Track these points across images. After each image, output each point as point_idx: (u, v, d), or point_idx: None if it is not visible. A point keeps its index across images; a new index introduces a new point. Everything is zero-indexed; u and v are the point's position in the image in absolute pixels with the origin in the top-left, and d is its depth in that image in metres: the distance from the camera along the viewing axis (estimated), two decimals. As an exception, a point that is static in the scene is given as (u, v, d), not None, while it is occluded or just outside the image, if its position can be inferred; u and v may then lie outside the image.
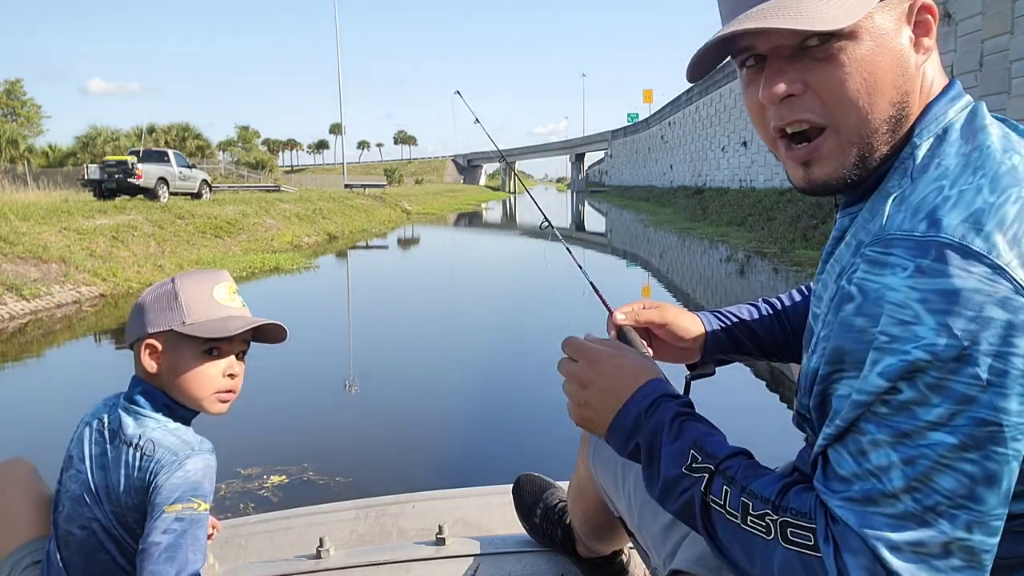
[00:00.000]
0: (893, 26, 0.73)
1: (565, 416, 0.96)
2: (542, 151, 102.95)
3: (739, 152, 28.04)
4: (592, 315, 1.00)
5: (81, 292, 10.40)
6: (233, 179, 45.00)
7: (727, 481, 0.74)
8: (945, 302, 0.61)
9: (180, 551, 1.12)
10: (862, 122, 0.74)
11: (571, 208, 46.18)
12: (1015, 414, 0.60)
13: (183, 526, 1.13)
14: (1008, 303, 0.60)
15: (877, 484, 0.63)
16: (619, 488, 1.22)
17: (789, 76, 0.74)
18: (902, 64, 0.73)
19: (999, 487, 0.61)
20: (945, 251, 0.62)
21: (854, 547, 0.64)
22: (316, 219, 21.99)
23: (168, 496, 1.13)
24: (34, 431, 5.03)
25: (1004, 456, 0.60)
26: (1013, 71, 10.52)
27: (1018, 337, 0.60)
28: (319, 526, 1.87)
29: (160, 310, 1.21)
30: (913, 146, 0.74)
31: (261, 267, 13.48)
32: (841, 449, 0.66)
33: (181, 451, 1.17)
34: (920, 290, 0.62)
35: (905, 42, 0.74)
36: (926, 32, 0.75)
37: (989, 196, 0.65)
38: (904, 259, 0.64)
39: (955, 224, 0.63)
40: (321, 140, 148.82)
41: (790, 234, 15.73)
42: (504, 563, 1.65)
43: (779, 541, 0.69)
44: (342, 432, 4.82)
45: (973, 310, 0.60)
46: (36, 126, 52.61)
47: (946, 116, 0.75)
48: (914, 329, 0.61)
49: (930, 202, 0.66)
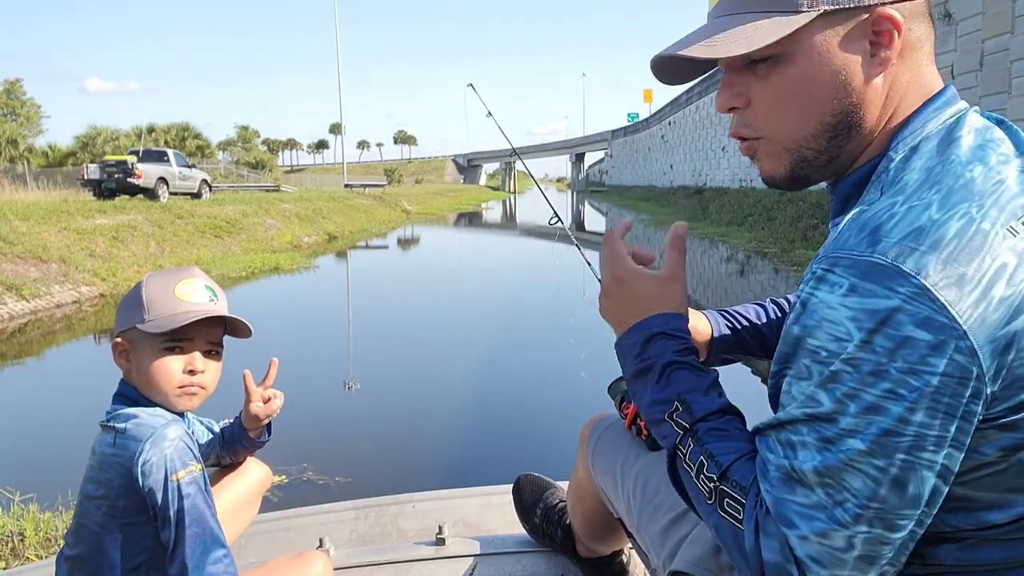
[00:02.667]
0: (836, 44, 0.75)
1: (565, 416, 0.97)
2: (542, 151, 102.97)
3: (739, 152, 27.86)
4: (592, 314, 1.00)
5: (81, 292, 10.40)
6: (233, 179, 44.99)
7: (693, 438, 0.81)
8: (871, 320, 0.64)
9: (199, 511, 1.18)
10: (792, 134, 0.79)
11: (571, 208, 46.18)
12: (923, 426, 0.64)
13: (192, 489, 1.17)
14: (929, 323, 0.63)
15: (795, 477, 0.69)
16: (618, 489, 1.23)
17: (735, 90, 0.82)
18: (843, 79, 0.75)
19: (905, 490, 0.65)
20: (876, 271, 0.65)
21: (770, 530, 0.70)
22: (316, 219, 22.00)
23: (171, 467, 1.16)
24: (34, 431, 5.03)
25: (910, 463, 0.64)
26: (1013, 71, 10.52)
27: (935, 356, 0.63)
28: (319, 526, 1.87)
29: (127, 309, 1.26)
30: (888, 159, 0.76)
31: (261, 267, 13.47)
32: (775, 440, 0.72)
33: (157, 424, 1.20)
34: (851, 308, 0.66)
35: (852, 57, 0.75)
36: (885, 45, 0.75)
37: (935, 213, 0.67)
38: (841, 277, 0.67)
39: (891, 244, 0.66)
40: (321, 140, 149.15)
41: (790, 234, 15.74)
42: (504, 563, 1.66)
43: (716, 507, 0.76)
44: (342, 432, 4.82)
45: (895, 329, 0.63)
46: (36, 126, 52.62)
47: (924, 129, 0.76)
48: (843, 344, 0.66)
49: (877, 220, 0.69)
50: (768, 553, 0.70)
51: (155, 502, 1.15)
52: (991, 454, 0.68)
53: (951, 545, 0.72)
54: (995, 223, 0.66)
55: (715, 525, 0.78)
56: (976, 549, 0.71)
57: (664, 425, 0.84)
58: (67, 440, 1.20)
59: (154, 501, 1.15)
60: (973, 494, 0.69)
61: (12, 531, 2.99)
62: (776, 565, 0.70)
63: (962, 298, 0.63)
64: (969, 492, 0.69)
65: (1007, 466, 0.68)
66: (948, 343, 0.62)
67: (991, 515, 0.70)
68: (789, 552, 0.69)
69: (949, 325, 0.62)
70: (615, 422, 1.32)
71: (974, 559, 0.71)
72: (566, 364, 6.19)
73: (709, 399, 0.83)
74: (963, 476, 0.68)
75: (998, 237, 0.65)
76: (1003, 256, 0.64)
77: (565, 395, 5.38)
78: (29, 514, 3.09)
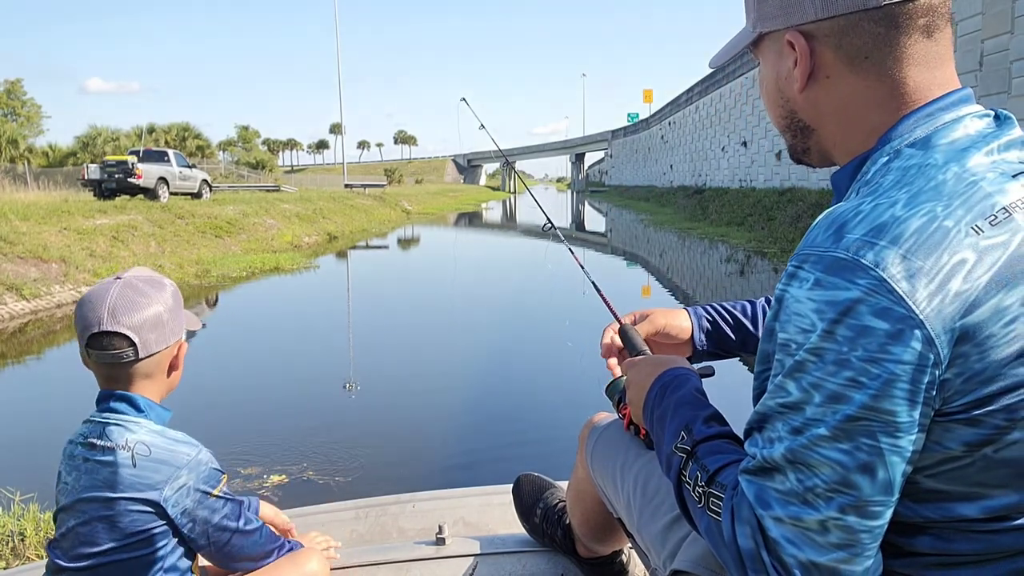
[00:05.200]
0: (773, 56, 0.86)
1: (565, 416, 0.99)
2: (542, 151, 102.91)
3: (739, 152, 28.04)
4: (592, 313, 1.01)
5: (81, 292, 10.39)
6: (233, 179, 44.93)
7: (693, 459, 0.84)
8: (834, 312, 0.67)
9: (243, 518, 1.31)
10: (774, 121, 0.91)
11: (571, 208, 46.18)
12: (886, 413, 0.66)
13: (231, 502, 1.29)
14: (887, 313, 0.65)
15: (770, 465, 0.72)
16: (618, 490, 1.23)
17: None
18: (780, 87, 0.87)
19: (875, 476, 0.67)
20: (838, 265, 0.68)
21: (744, 517, 0.73)
22: (316, 219, 21.99)
23: (209, 484, 1.26)
24: (34, 431, 5.03)
25: (877, 448, 0.67)
26: (1013, 71, 10.52)
27: (894, 345, 0.65)
28: (319, 526, 1.87)
29: (178, 317, 1.36)
30: (872, 161, 0.78)
31: (261, 267, 13.47)
32: (755, 434, 0.75)
33: (189, 448, 1.27)
34: (816, 301, 0.69)
35: (783, 71, 0.85)
36: (796, 64, 0.82)
37: (899, 211, 0.69)
38: (809, 272, 0.70)
39: (853, 239, 0.69)
40: (321, 140, 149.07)
41: (790, 234, 15.73)
42: (504, 563, 1.66)
43: (705, 509, 0.80)
44: (342, 432, 4.81)
45: (855, 319, 0.66)
46: (36, 126, 52.56)
47: (912, 134, 0.76)
48: (808, 335, 0.69)
49: (843, 217, 0.72)
50: (742, 540, 0.73)
51: (212, 514, 1.26)
52: (955, 448, 0.69)
53: (928, 536, 0.73)
54: (959, 221, 0.67)
55: (705, 528, 0.80)
56: (953, 540, 0.72)
57: (673, 458, 0.88)
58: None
59: (211, 514, 1.26)
60: (942, 487, 0.71)
61: (12, 531, 2.99)
62: (750, 551, 0.72)
63: (918, 290, 0.65)
64: (938, 485, 0.71)
65: (971, 460, 0.69)
66: (906, 332, 0.65)
67: (962, 508, 0.71)
68: (761, 537, 0.71)
69: (907, 315, 0.65)
70: (614, 422, 1.33)
71: (952, 549, 0.73)
72: (566, 364, 6.19)
73: (709, 426, 0.87)
74: (930, 469, 0.70)
75: (960, 235, 0.66)
76: (963, 253, 0.66)
77: (565, 395, 5.38)
78: (29, 514, 3.09)
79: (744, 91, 27.52)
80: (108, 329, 1.22)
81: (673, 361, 1.03)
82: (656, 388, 0.97)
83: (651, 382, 0.99)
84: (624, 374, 1.13)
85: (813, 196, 17.72)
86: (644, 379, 1.01)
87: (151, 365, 1.27)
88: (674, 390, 0.95)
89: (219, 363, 6.61)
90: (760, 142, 25.57)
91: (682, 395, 0.94)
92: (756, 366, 0.80)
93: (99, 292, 1.25)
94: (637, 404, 1.02)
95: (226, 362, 6.78)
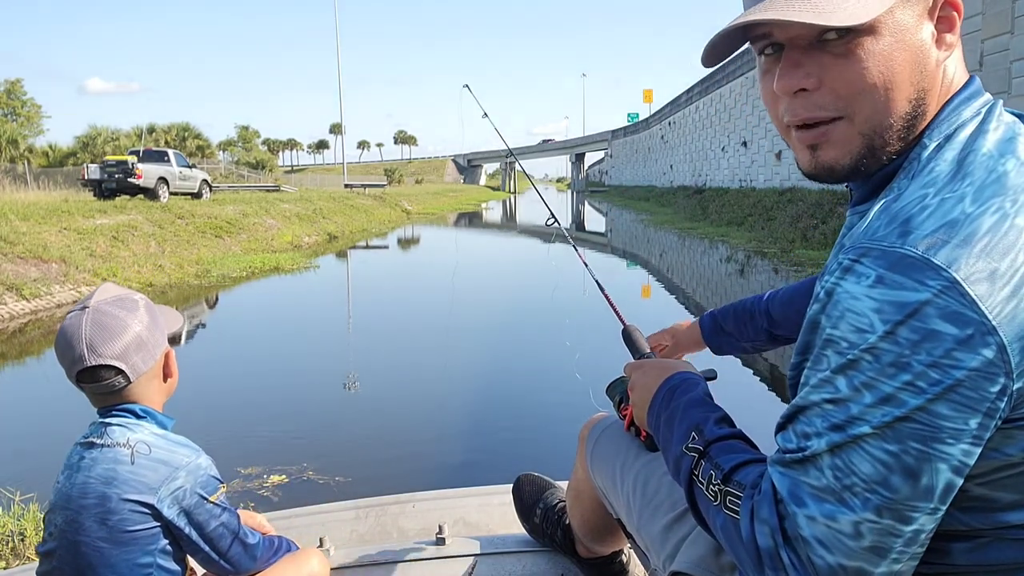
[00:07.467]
0: (914, 22, 0.72)
1: (565, 416, 1.00)
2: (542, 151, 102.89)
3: (739, 152, 28.02)
4: (592, 313, 1.02)
5: (81, 292, 10.39)
6: (233, 179, 44.90)
7: (705, 458, 0.83)
8: (897, 312, 0.63)
9: (239, 526, 1.30)
10: (876, 117, 0.74)
11: (571, 208, 46.16)
12: (941, 418, 0.63)
13: (226, 509, 1.28)
14: (957, 318, 0.61)
15: (808, 460, 0.69)
16: (618, 490, 1.23)
17: (804, 70, 0.75)
18: (921, 61, 0.73)
19: (918, 481, 0.64)
20: (906, 263, 0.64)
21: (763, 515, 0.71)
22: (316, 219, 21.99)
23: (206, 490, 1.25)
24: (35, 431, 5.03)
25: (925, 453, 0.63)
26: (1013, 71, 10.52)
27: (962, 351, 0.61)
28: (319, 526, 1.87)
29: (159, 328, 1.35)
30: (922, 147, 0.74)
31: (261, 267, 13.46)
32: (790, 427, 0.72)
33: (189, 452, 1.26)
34: (876, 300, 0.64)
35: (926, 38, 0.73)
36: (949, 28, 0.74)
37: (969, 207, 0.65)
38: (869, 268, 0.66)
39: (922, 236, 0.65)
40: (321, 140, 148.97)
41: (790, 234, 15.73)
42: (504, 563, 1.66)
43: (721, 507, 0.78)
44: (342, 432, 4.81)
45: (921, 322, 0.62)
46: (36, 126, 52.51)
47: (959, 117, 0.74)
48: (865, 335, 0.65)
49: (908, 211, 0.68)
50: (761, 538, 0.71)
51: (208, 518, 1.25)
52: (1015, 455, 0.67)
53: (964, 544, 0.71)
54: None
55: (721, 525, 0.78)
56: (990, 548, 0.70)
57: (684, 459, 0.87)
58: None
59: (206, 519, 1.24)
60: (993, 495, 0.69)
61: (12, 531, 2.99)
62: (768, 550, 0.70)
63: (993, 293, 0.61)
64: (989, 492, 0.69)
65: None
66: (976, 338, 0.61)
67: (1009, 516, 0.69)
68: (782, 536, 0.69)
69: (979, 320, 0.61)
70: (614, 423, 1.33)
71: (987, 559, 0.71)
72: (566, 364, 6.19)
73: (720, 427, 0.87)
74: (985, 476, 0.68)
75: None
76: None
77: (565, 395, 5.39)
78: (29, 514, 3.09)
79: (744, 91, 27.49)
80: (92, 364, 1.19)
81: (679, 365, 1.05)
82: (664, 391, 0.98)
83: (659, 385, 1.00)
84: (627, 375, 1.14)
85: (813, 196, 17.70)
86: (651, 382, 1.02)
87: (144, 382, 1.27)
88: (683, 392, 0.95)
89: (219, 363, 6.62)
90: (760, 142, 25.56)
91: (691, 397, 0.94)
92: (794, 356, 0.76)
93: (71, 327, 1.21)
94: (642, 406, 1.03)
95: (226, 362, 6.79)
